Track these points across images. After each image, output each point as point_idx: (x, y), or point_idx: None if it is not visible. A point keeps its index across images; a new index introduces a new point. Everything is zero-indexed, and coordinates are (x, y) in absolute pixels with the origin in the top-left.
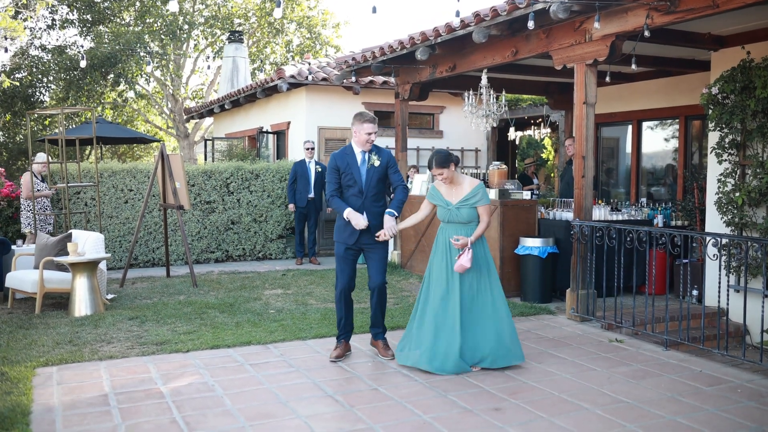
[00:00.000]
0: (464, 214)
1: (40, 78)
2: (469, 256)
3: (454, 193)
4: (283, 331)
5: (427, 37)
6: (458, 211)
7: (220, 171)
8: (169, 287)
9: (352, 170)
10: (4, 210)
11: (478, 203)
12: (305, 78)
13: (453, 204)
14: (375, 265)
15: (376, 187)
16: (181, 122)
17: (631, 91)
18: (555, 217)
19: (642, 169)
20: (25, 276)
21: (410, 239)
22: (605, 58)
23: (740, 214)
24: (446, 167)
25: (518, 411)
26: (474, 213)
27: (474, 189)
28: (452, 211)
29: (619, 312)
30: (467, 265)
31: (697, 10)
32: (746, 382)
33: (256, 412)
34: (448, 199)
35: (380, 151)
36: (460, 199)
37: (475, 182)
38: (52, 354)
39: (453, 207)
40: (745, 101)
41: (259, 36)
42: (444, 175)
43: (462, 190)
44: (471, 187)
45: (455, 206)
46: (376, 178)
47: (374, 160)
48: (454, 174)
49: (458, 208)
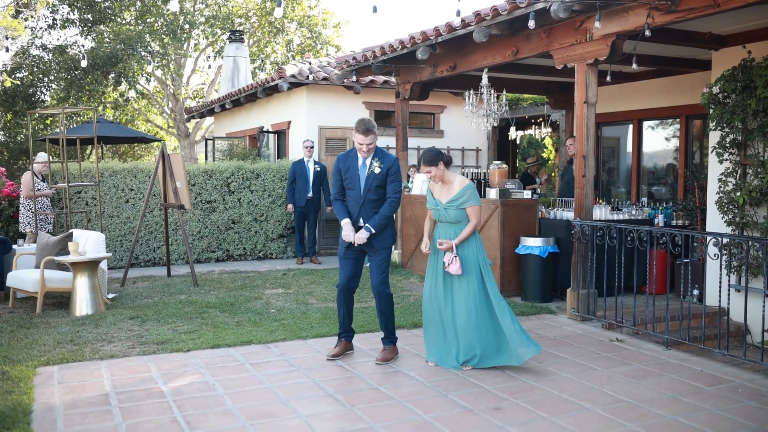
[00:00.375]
0: (451, 214)
1: (41, 77)
2: (457, 264)
3: (445, 192)
4: (284, 331)
5: (428, 37)
6: (446, 211)
7: (221, 170)
8: (170, 287)
9: (352, 174)
10: (5, 209)
11: (465, 204)
12: (306, 77)
13: (442, 204)
14: (373, 268)
15: (375, 193)
16: (181, 122)
17: (631, 90)
18: (556, 217)
19: (643, 168)
20: (26, 275)
21: (410, 239)
22: (606, 57)
23: (741, 214)
24: (434, 165)
25: (519, 410)
26: (462, 214)
27: (462, 190)
28: (441, 211)
29: (619, 311)
30: (457, 273)
31: (698, 9)
32: (747, 382)
33: (256, 411)
34: (439, 198)
35: (384, 157)
36: (449, 199)
37: (465, 182)
38: (53, 353)
39: (441, 207)
40: (746, 100)
41: (260, 35)
42: (432, 173)
43: (451, 190)
44: (460, 187)
45: (443, 206)
46: (375, 184)
47: (375, 167)
48: (444, 173)
49: (446, 208)
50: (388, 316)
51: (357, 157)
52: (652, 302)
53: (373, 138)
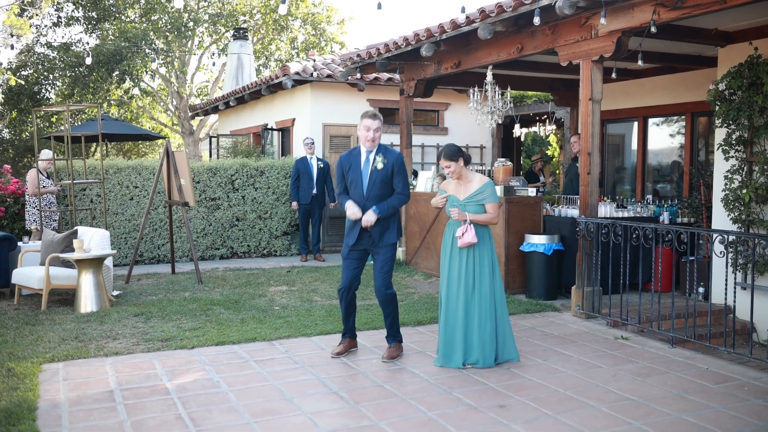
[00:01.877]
0: (471, 210)
1: (46, 75)
2: (472, 232)
3: (462, 189)
4: (288, 328)
5: (432, 34)
6: (465, 207)
7: (225, 168)
8: (175, 284)
9: (355, 172)
10: (10, 207)
11: (486, 200)
12: (310, 75)
13: (460, 200)
14: (376, 268)
15: (380, 189)
16: (186, 119)
17: (637, 87)
18: (560, 214)
19: (648, 165)
20: (31, 272)
21: (415, 236)
22: (611, 54)
23: (747, 211)
24: (455, 161)
25: (524, 408)
26: (481, 210)
27: (483, 186)
28: (459, 207)
29: (624, 309)
30: (473, 240)
31: (705, 5)
32: (753, 380)
33: (260, 408)
34: (456, 195)
35: (388, 152)
36: (468, 195)
37: (485, 179)
38: (58, 350)
39: (459, 203)
40: (752, 97)
41: (264, 33)
42: (452, 168)
43: (470, 187)
44: (480, 183)
45: (462, 202)
46: (380, 181)
47: (378, 162)
48: (462, 170)
49: (465, 204)
50: (393, 316)
51: (360, 155)
52: (658, 300)
53: (380, 125)
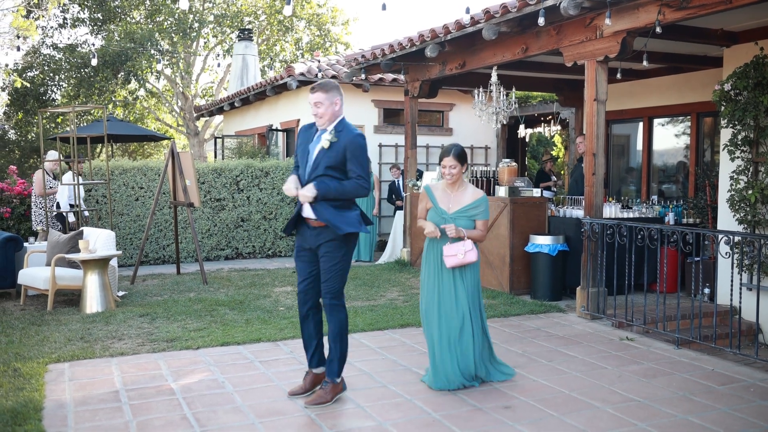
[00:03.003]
0: (461, 224)
1: (52, 76)
2: (476, 251)
3: (452, 199)
4: (293, 329)
5: (437, 35)
6: (455, 221)
7: (230, 168)
8: (180, 284)
9: (302, 148)
10: (16, 207)
11: (478, 216)
12: (315, 75)
13: (449, 213)
14: (321, 269)
15: (323, 174)
16: (191, 120)
17: (642, 87)
18: (565, 215)
19: (653, 166)
20: (37, 273)
21: (420, 236)
22: (616, 54)
23: (753, 212)
24: (461, 163)
25: (529, 409)
26: (471, 225)
27: (478, 200)
28: (447, 220)
29: (630, 310)
30: (474, 259)
31: (710, 5)
32: (759, 381)
33: (265, 408)
34: (443, 206)
35: (344, 131)
36: (459, 209)
37: (480, 193)
38: (64, 350)
39: (448, 216)
40: (758, 98)
41: (269, 34)
42: (457, 170)
43: (463, 199)
44: (474, 197)
45: (451, 216)
46: (324, 164)
47: (324, 141)
48: (461, 177)
49: (454, 218)
50: (335, 343)
51: (315, 129)
52: (663, 301)
53: (324, 97)
